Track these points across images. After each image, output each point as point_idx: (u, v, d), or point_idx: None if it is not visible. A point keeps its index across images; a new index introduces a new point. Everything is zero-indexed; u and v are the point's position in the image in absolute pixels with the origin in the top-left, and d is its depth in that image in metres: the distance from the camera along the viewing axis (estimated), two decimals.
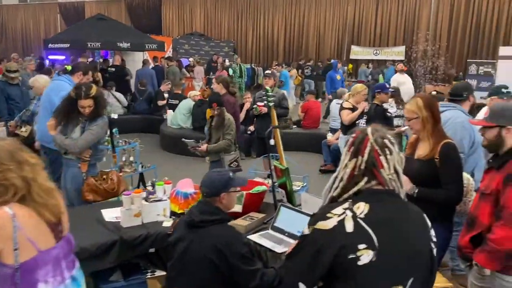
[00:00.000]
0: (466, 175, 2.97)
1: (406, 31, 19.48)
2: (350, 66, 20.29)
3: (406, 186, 2.81)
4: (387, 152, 1.59)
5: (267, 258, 2.82)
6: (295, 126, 9.29)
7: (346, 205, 1.55)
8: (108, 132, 4.42)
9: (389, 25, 20.14)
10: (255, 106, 6.12)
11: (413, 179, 2.82)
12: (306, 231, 1.57)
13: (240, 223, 3.15)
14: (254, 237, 3.01)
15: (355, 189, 1.60)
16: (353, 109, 6.09)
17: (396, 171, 1.61)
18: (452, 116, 3.55)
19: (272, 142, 3.44)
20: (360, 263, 1.46)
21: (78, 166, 3.80)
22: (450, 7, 18.48)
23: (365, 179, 1.59)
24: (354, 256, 1.46)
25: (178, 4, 24.04)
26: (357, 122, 5.99)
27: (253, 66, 18.41)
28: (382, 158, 1.58)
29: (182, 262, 2.40)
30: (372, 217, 1.51)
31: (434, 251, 1.63)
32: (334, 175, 1.69)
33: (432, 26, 18.59)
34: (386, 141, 1.60)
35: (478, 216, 2.52)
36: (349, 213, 1.52)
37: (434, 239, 1.65)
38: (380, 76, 16.59)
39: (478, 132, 2.83)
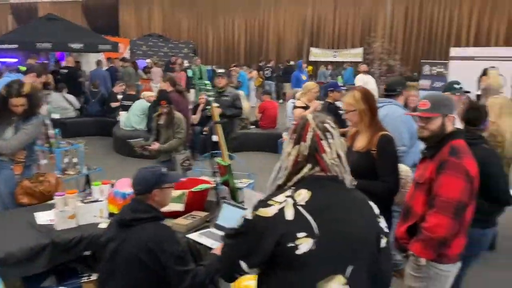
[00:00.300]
0: (404, 167, 3.00)
1: (363, 33, 19.91)
2: (310, 67, 20.51)
3: None
4: (329, 136, 1.57)
5: (206, 256, 2.75)
6: (253, 126, 9.30)
7: (287, 192, 1.52)
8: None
9: (346, 28, 20.54)
10: (208, 107, 6.01)
11: (352, 171, 2.80)
12: (249, 215, 1.53)
13: (181, 222, 3.06)
14: (194, 236, 2.93)
15: (299, 176, 1.56)
16: (306, 107, 6.09)
17: (338, 156, 1.58)
18: (389, 112, 3.60)
19: (215, 138, 3.35)
20: (298, 252, 1.43)
21: (11, 168, 3.59)
22: (404, 11, 19.05)
23: (309, 165, 1.56)
24: (293, 244, 1.43)
25: (135, 5, 23.62)
26: None
27: (214, 68, 18.29)
28: (324, 142, 1.56)
29: (113, 263, 2.29)
30: (313, 204, 1.48)
31: (383, 240, 1.59)
32: (278, 164, 1.65)
33: (387, 28, 19.08)
34: (327, 125, 1.58)
35: (413, 205, 2.54)
36: (290, 200, 1.49)
37: (386, 229, 1.62)
38: (339, 77, 16.86)
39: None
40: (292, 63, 17.71)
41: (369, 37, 18.74)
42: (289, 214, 1.46)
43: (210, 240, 2.85)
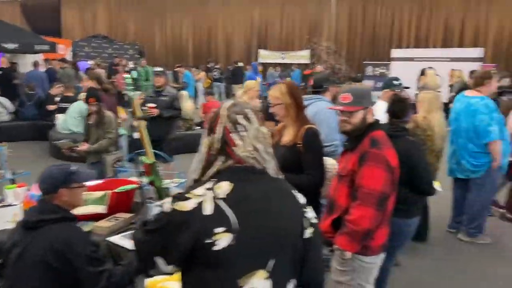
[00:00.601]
0: (332, 160, 2.99)
1: (309, 35, 20.25)
2: (260, 69, 20.62)
3: None
4: (240, 128, 1.47)
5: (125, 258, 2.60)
6: (198, 127, 9.19)
7: (208, 184, 1.42)
8: None
9: (293, 30, 20.82)
10: (144, 107, 5.75)
11: (279, 165, 2.77)
12: (166, 208, 1.42)
13: (102, 224, 2.89)
14: (114, 238, 2.77)
15: (213, 169, 1.47)
16: None
17: (255, 148, 1.48)
18: (319, 108, 3.61)
19: (136, 135, 3.20)
20: (216, 248, 1.35)
21: None
22: (349, 14, 19.55)
23: (222, 158, 1.47)
24: (210, 241, 1.35)
25: (79, 5, 22.79)
26: None
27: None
28: (234, 135, 1.46)
29: (18, 269, 2.10)
30: (234, 197, 1.40)
31: (308, 231, 1.52)
32: (197, 156, 1.55)
33: (333, 31, 19.51)
34: (239, 116, 1.48)
35: (337, 198, 2.52)
36: (209, 194, 1.39)
37: (313, 219, 1.56)
38: (288, 79, 17.02)
39: None
40: (240, 64, 17.69)
41: (313, 40, 19.08)
42: (208, 209, 1.37)
43: (132, 242, 2.70)
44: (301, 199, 1.57)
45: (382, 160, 2.35)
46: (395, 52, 14.88)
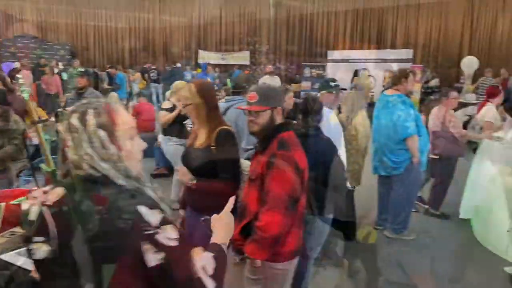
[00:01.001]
0: (247, 162, 2.89)
1: (249, 37, 20.29)
2: (199, 70, 20.36)
3: (184, 177, 2.62)
4: (73, 130, 1.33)
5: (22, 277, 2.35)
6: None
7: (48, 188, 1.37)
8: None
9: (233, 31, 20.76)
10: (60, 110, 5.38)
11: (193, 169, 2.63)
12: None
13: None
14: (7, 256, 2.48)
15: (63, 171, 1.39)
16: (173, 108, 5.83)
17: (88, 154, 1.31)
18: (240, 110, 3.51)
19: (35, 140, 2.92)
20: (35, 257, 1.32)
21: None
22: (286, 15, 19.76)
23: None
24: (30, 248, 1.33)
25: (5, 1, 21.34)
26: (184, 122, 5.74)
27: (96, 71, 17.22)
28: (67, 135, 1.35)
29: None
30: (60, 206, 1.30)
31: (157, 256, 1.26)
32: None
33: (272, 33, 19.64)
34: (74, 115, 1.34)
35: (248, 203, 2.40)
36: (41, 198, 1.34)
37: (165, 241, 1.28)
38: (228, 80, 16.92)
39: None
40: (178, 65, 17.36)
41: (255, 41, 19.12)
42: (33, 214, 1.32)
43: (29, 259, 2.44)
44: (151, 217, 1.28)
45: (290, 162, 2.26)
46: (331, 54, 15.19)
